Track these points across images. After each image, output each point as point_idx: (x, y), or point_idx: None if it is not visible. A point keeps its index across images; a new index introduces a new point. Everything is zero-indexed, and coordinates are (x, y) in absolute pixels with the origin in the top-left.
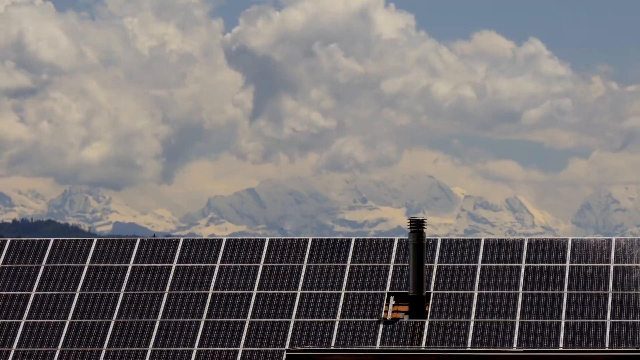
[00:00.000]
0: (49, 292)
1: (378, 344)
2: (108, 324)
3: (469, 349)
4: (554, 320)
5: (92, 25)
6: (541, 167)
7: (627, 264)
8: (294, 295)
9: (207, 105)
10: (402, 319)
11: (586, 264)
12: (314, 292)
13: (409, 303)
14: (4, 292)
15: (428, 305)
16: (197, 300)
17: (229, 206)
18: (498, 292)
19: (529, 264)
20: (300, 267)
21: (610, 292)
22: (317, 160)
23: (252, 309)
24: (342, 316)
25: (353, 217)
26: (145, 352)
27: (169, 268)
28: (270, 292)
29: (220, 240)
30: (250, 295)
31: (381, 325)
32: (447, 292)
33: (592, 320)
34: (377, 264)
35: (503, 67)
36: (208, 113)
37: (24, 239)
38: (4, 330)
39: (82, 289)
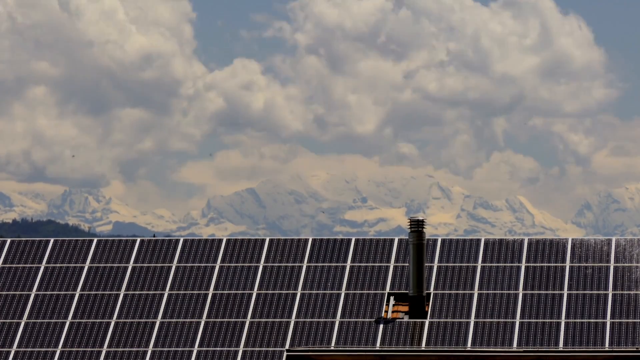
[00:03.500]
0: (49, 292)
1: (378, 344)
2: (108, 324)
3: (469, 349)
4: (554, 320)
5: None
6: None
7: (627, 264)
8: (294, 295)
9: None
10: (402, 319)
11: (586, 264)
12: (314, 292)
13: (409, 303)
14: (4, 292)
15: (428, 305)
16: (197, 300)
17: (229, 206)
18: (498, 292)
19: (529, 264)
20: (300, 267)
21: (610, 292)
22: None
23: (252, 309)
24: (342, 316)
25: (353, 217)
26: (145, 353)
27: (169, 268)
28: (270, 292)
29: (220, 240)
30: (250, 295)
31: (381, 325)
32: (447, 292)
33: (592, 320)
34: (377, 264)
35: None
36: None
37: (24, 239)
38: (4, 331)
39: (82, 289)
